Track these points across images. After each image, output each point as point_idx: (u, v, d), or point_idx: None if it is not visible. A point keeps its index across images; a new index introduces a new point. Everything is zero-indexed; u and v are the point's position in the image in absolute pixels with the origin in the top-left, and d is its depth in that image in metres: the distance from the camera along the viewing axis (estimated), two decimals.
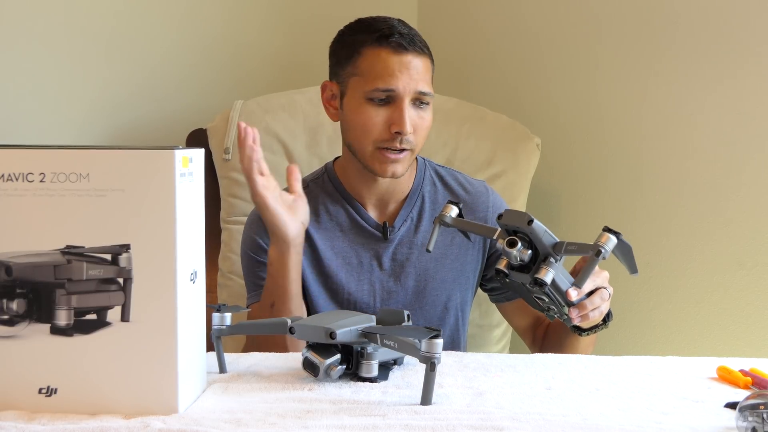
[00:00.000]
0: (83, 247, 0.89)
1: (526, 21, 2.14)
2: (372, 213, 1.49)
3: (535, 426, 0.87)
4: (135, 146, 0.90)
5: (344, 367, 1.04)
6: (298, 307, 1.37)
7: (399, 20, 1.44)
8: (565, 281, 1.13)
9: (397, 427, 0.86)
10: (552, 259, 1.08)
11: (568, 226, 2.06)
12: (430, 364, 0.93)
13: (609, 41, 1.93)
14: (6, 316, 0.90)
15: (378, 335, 1.00)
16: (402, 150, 1.40)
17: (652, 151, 1.85)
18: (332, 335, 0.99)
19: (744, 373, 1.06)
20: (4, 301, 0.89)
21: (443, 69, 2.34)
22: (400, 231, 1.48)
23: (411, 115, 1.39)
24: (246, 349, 1.47)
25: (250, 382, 1.04)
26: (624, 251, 1.07)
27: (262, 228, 1.48)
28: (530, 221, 1.07)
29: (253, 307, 1.47)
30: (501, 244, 1.10)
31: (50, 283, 0.89)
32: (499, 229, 1.13)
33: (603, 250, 1.04)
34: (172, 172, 0.88)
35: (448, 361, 1.16)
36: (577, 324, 1.21)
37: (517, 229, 1.09)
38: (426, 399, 0.94)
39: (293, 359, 1.16)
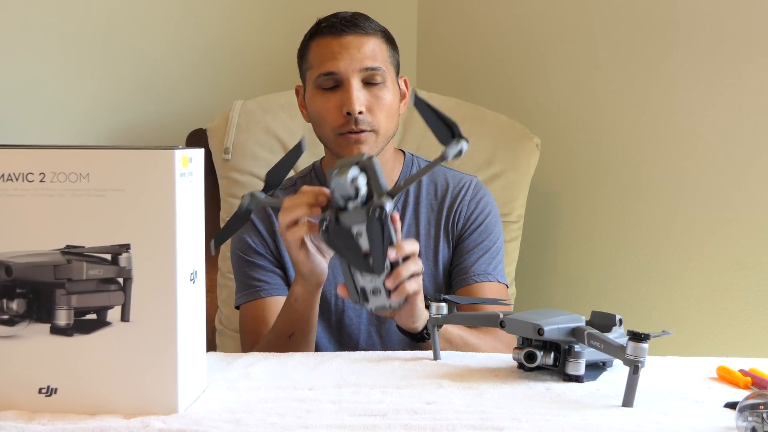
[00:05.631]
0: (83, 247, 0.89)
1: (526, 21, 2.14)
2: None
3: (535, 426, 0.87)
4: (135, 146, 0.90)
5: (365, 180, 1.06)
6: (314, 335, 1.35)
7: (354, 12, 1.45)
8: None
9: (397, 427, 0.86)
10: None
11: (567, 226, 2.06)
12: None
13: (609, 41, 1.93)
14: (6, 316, 0.90)
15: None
16: (361, 131, 1.40)
17: (652, 151, 1.85)
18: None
19: (744, 373, 1.06)
20: (4, 301, 0.90)
21: (443, 69, 2.35)
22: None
23: (361, 95, 1.39)
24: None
25: (250, 382, 1.04)
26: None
27: (250, 227, 1.48)
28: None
29: (245, 307, 1.47)
30: (518, 354, 1.07)
31: (50, 283, 0.89)
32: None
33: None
34: (172, 172, 0.88)
35: (448, 361, 1.16)
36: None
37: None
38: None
39: (293, 359, 1.16)
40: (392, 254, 1.12)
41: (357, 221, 1.07)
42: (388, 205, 1.05)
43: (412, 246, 1.16)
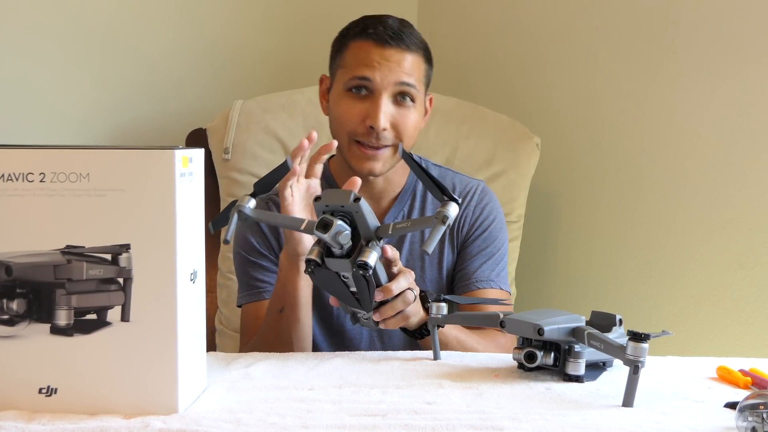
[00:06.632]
0: (83, 247, 0.89)
1: (526, 21, 2.14)
2: None
3: (535, 426, 0.88)
4: (135, 146, 0.90)
5: (349, 233, 1.02)
6: (307, 315, 1.33)
7: (400, 20, 1.43)
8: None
9: (397, 427, 0.86)
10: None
11: (567, 226, 2.06)
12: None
13: (609, 41, 1.93)
14: (6, 316, 0.90)
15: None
16: (380, 147, 1.39)
17: (652, 151, 1.85)
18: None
19: (744, 373, 1.07)
20: (4, 301, 0.89)
21: (443, 69, 2.34)
22: None
23: (389, 110, 1.38)
24: (244, 350, 1.47)
25: (250, 382, 1.04)
26: None
27: (254, 227, 1.47)
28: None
29: (246, 307, 1.46)
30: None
31: (50, 283, 0.89)
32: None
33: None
34: (172, 172, 0.88)
35: (448, 361, 1.16)
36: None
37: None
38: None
39: (293, 359, 1.16)
40: (379, 296, 1.13)
41: (342, 269, 1.06)
42: (372, 258, 1.03)
43: (401, 284, 1.16)
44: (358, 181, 1.24)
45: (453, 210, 1.00)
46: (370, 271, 1.03)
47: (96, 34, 1.99)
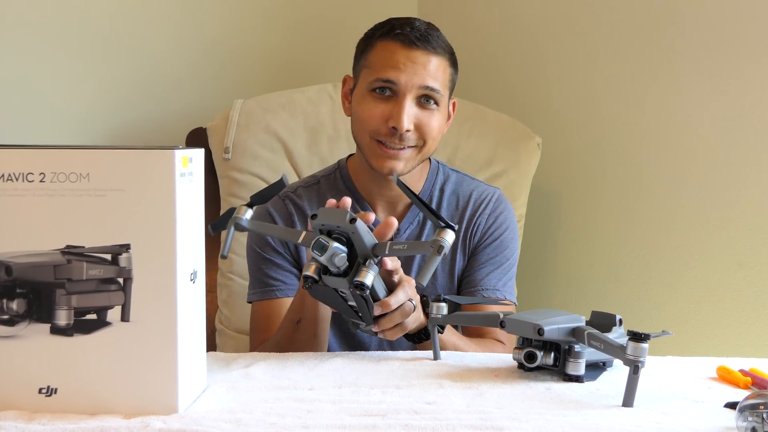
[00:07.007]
0: (83, 247, 0.89)
1: (526, 20, 2.14)
2: (381, 214, 1.48)
3: (535, 426, 0.88)
4: (135, 146, 0.90)
5: (345, 255, 1.01)
6: (324, 330, 1.31)
7: (427, 23, 1.43)
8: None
9: (397, 427, 0.86)
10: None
11: (568, 226, 2.06)
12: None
13: (610, 41, 1.93)
14: (6, 316, 0.90)
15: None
16: (403, 147, 1.38)
17: (652, 151, 1.85)
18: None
19: (744, 373, 1.07)
20: (4, 301, 0.90)
21: None
22: (405, 234, 1.47)
23: (413, 112, 1.37)
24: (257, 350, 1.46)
25: (250, 382, 1.04)
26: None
27: (270, 223, 1.47)
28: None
29: (257, 305, 1.46)
30: (518, 354, 1.06)
31: (50, 283, 0.89)
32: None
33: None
34: (172, 172, 0.88)
35: (448, 361, 1.16)
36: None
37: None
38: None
39: (293, 359, 1.16)
40: (378, 311, 1.13)
41: (340, 286, 1.06)
42: (369, 278, 1.02)
43: (399, 298, 1.15)
44: (394, 223, 1.16)
45: (449, 237, 0.98)
46: (367, 291, 1.03)
47: (96, 34, 1.99)
